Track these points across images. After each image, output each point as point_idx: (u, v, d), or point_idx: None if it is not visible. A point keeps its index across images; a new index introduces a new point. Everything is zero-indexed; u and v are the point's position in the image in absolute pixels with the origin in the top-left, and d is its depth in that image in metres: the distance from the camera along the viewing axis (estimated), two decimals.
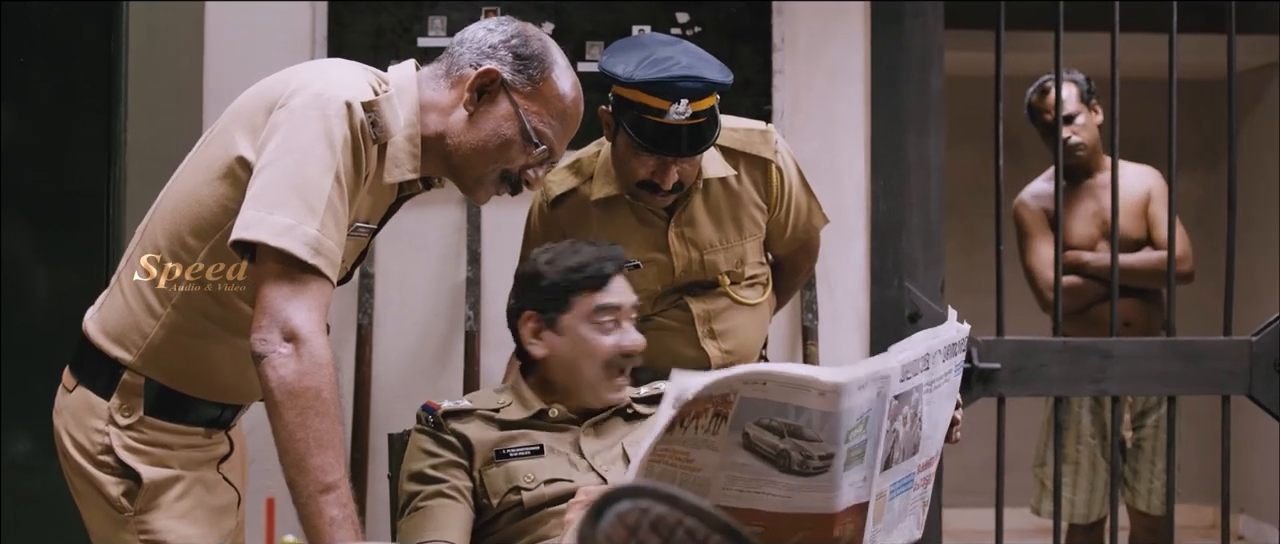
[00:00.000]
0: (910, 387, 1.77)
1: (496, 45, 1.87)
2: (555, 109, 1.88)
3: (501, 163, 1.88)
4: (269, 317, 1.66)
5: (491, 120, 1.86)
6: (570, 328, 2.14)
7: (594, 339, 2.13)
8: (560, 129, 1.90)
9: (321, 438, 1.64)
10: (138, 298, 1.85)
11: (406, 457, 2.15)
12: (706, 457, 1.69)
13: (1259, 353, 3.12)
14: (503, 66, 1.86)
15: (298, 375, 1.64)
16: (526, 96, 1.86)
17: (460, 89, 1.86)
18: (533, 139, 1.86)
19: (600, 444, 2.15)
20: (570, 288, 2.14)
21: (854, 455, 1.72)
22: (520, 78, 1.86)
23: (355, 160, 1.75)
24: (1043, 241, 3.71)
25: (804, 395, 1.65)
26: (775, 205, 2.59)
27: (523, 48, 1.87)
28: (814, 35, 3.17)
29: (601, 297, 2.13)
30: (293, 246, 1.66)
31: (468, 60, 1.87)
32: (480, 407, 2.17)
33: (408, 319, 3.13)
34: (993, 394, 3.08)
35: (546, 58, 1.89)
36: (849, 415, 1.67)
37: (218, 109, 3.04)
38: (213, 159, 1.81)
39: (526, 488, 2.06)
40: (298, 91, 1.75)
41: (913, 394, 1.78)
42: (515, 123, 1.86)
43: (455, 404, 2.17)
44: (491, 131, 1.85)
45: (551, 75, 1.88)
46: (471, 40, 1.89)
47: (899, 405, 1.75)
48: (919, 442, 1.85)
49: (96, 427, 1.84)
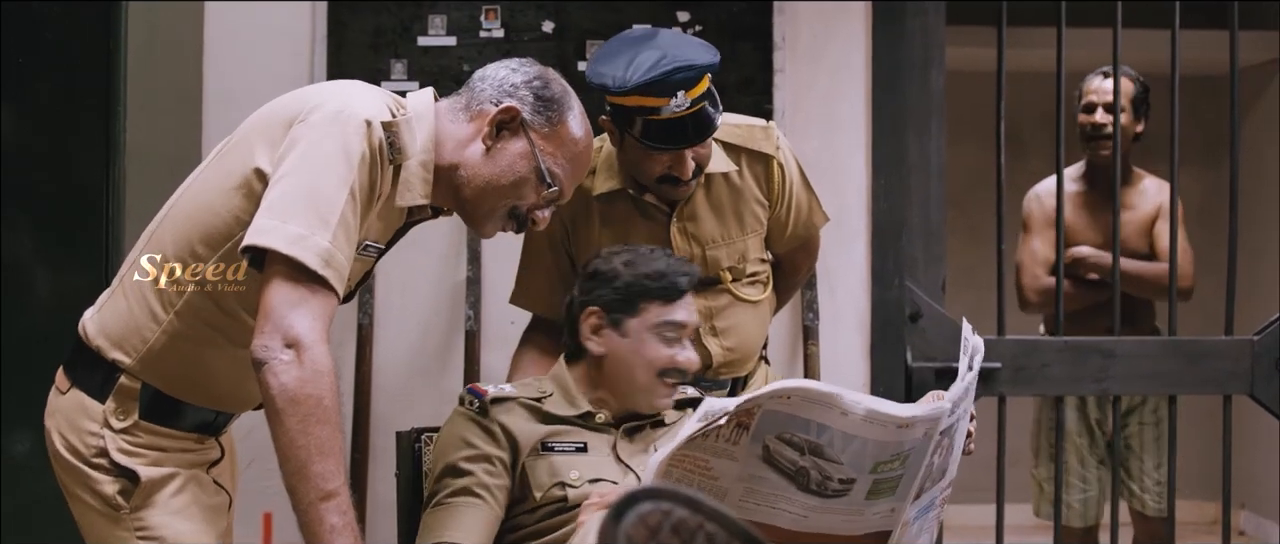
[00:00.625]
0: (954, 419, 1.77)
1: (519, 84, 1.92)
2: (569, 152, 1.94)
3: (513, 199, 1.92)
4: (272, 323, 1.66)
5: (508, 157, 1.90)
6: (635, 332, 2.17)
7: (656, 348, 2.16)
8: (571, 171, 1.96)
9: (322, 445, 1.64)
10: (140, 302, 1.85)
11: (443, 438, 2.16)
12: (725, 466, 1.69)
13: (1260, 352, 3.12)
14: (523, 106, 1.91)
15: (299, 382, 1.64)
16: (544, 137, 1.92)
17: (480, 123, 1.90)
18: (546, 178, 1.91)
19: (634, 448, 2.18)
20: (645, 293, 2.17)
21: (885, 487, 1.72)
22: (539, 118, 1.92)
23: (371, 178, 1.77)
24: (1040, 240, 3.62)
25: (827, 412, 1.65)
26: (776, 201, 2.58)
27: (544, 90, 1.93)
28: (815, 34, 3.16)
29: (671, 311, 2.17)
30: (303, 256, 1.67)
31: (489, 96, 1.92)
32: (523, 395, 2.18)
33: (408, 319, 3.13)
34: (994, 394, 3.08)
35: (565, 102, 1.95)
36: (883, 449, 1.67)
37: (218, 109, 3.07)
38: (230, 170, 1.82)
39: (572, 485, 2.08)
40: (318, 107, 1.77)
41: (954, 426, 1.79)
42: (531, 161, 1.90)
43: (500, 390, 2.18)
44: (507, 167, 1.90)
45: (568, 119, 1.94)
46: (494, 78, 1.94)
47: (942, 439, 1.75)
48: (947, 467, 1.85)
49: (91, 429, 1.84)
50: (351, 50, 3.08)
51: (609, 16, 3.11)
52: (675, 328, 2.17)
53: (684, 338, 2.19)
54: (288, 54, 3.09)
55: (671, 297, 2.17)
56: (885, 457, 1.68)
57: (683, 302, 2.19)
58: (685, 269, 2.21)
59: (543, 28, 3.13)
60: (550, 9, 3.13)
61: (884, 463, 1.69)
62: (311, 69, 3.08)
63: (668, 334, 2.17)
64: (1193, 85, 4.98)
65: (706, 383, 2.57)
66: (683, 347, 2.18)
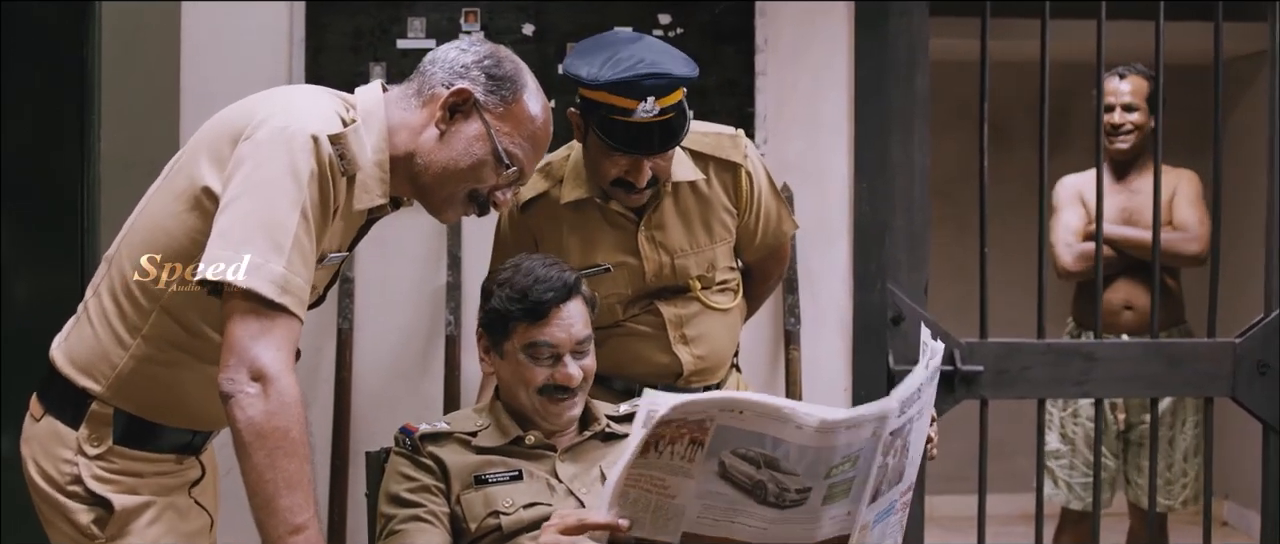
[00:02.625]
0: (905, 419, 1.76)
1: (469, 65, 1.87)
2: (526, 130, 1.88)
3: (471, 182, 1.87)
4: (236, 356, 1.64)
5: (463, 140, 1.85)
6: (510, 354, 2.12)
7: (530, 369, 2.10)
8: (530, 150, 1.90)
9: (290, 478, 1.62)
10: (106, 328, 1.83)
11: (385, 478, 2.14)
12: (682, 484, 1.68)
13: (1243, 354, 3.12)
14: (475, 86, 1.86)
15: (265, 415, 1.62)
16: (498, 117, 1.86)
17: (432, 108, 1.86)
18: (504, 159, 1.86)
19: (578, 468, 2.14)
20: (509, 316, 2.11)
21: (838, 491, 1.71)
22: (492, 98, 1.86)
23: (323, 194, 1.73)
24: (1069, 213, 3.86)
25: (782, 427, 1.64)
26: (745, 210, 2.58)
27: (496, 68, 1.87)
28: (797, 36, 3.13)
29: (537, 332, 2.09)
30: (259, 286, 1.65)
31: (440, 79, 1.86)
32: (458, 429, 2.16)
33: (388, 324, 3.11)
34: (976, 397, 3.07)
35: (518, 79, 1.88)
36: (833, 453, 1.66)
37: (195, 110, 3.03)
38: (179, 190, 1.79)
39: (505, 513, 2.05)
40: (263, 123, 1.73)
41: (906, 427, 1.78)
42: (487, 143, 1.85)
43: (433, 427, 2.15)
44: (463, 151, 1.85)
45: (523, 97, 1.88)
46: (443, 60, 1.88)
47: (892, 440, 1.75)
48: (904, 469, 1.84)
49: (65, 456, 1.83)
50: (330, 52, 3.05)
51: (590, 19, 3.08)
52: (544, 348, 2.09)
53: (561, 354, 2.10)
54: (266, 55, 3.05)
55: (537, 316, 2.09)
56: (836, 460, 1.68)
57: (554, 319, 2.09)
58: (557, 282, 2.11)
59: (523, 30, 3.09)
60: (531, 11, 3.10)
61: (836, 466, 1.69)
62: (290, 70, 3.05)
63: (538, 355, 2.10)
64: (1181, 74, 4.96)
65: (678, 392, 2.56)
66: (561, 364, 2.10)
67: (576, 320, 2.12)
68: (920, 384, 1.78)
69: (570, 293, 2.12)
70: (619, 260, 2.51)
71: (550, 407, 2.12)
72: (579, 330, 2.12)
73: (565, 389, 2.11)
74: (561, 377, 2.09)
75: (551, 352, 2.10)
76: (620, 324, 2.55)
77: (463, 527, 2.07)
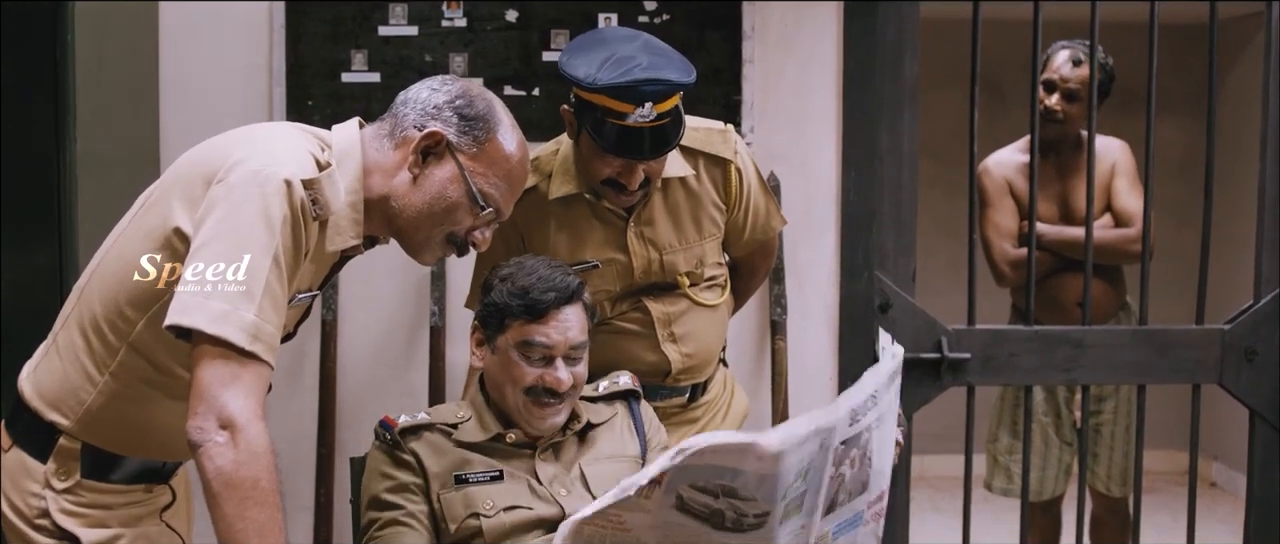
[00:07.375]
0: (860, 428, 1.75)
1: (441, 106, 1.84)
2: (501, 170, 1.86)
3: (447, 225, 1.85)
4: (205, 403, 1.63)
5: (437, 183, 1.83)
6: (502, 349, 2.13)
7: (520, 367, 2.11)
8: (506, 190, 1.88)
9: (261, 528, 1.62)
10: (74, 363, 1.82)
11: (365, 475, 2.16)
12: (638, 519, 1.69)
13: (1231, 341, 3.11)
14: (448, 128, 1.83)
15: (235, 465, 1.62)
16: (472, 158, 1.84)
17: (405, 151, 1.83)
18: (479, 201, 1.84)
19: (557, 467, 2.15)
20: (508, 310, 2.12)
21: (791, 507, 1.71)
22: (465, 139, 1.84)
23: (295, 239, 1.71)
24: (1001, 212, 3.64)
25: (742, 459, 1.63)
26: (734, 205, 2.56)
27: (467, 109, 1.84)
28: (785, 23, 3.09)
29: (532, 331, 2.10)
30: (229, 334, 1.63)
31: (412, 121, 1.84)
32: (439, 421, 2.16)
33: (373, 315, 3.10)
34: (963, 383, 3.07)
35: (491, 118, 1.85)
36: (788, 474, 1.66)
37: (175, 101, 3.00)
38: (151, 229, 1.77)
39: (486, 515, 2.07)
40: (237, 166, 1.70)
41: (862, 435, 1.77)
42: (461, 185, 1.83)
43: (412, 419, 2.15)
44: (437, 194, 1.83)
45: (497, 135, 1.85)
46: (416, 100, 1.86)
47: (846, 450, 1.74)
48: (868, 479, 1.84)
49: (33, 490, 1.82)
50: (310, 41, 3.00)
51: (574, 6, 3.03)
52: (536, 348, 2.10)
53: (554, 356, 2.11)
54: (245, 45, 3.01)
55: (535, 315, 2.10)
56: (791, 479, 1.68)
57: (551, 320, 2.10)
58: (558, 283, 2.12)
59: (506, 17, 3.04)
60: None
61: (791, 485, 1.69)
62: (270, 60, 3.00)
63: (530, 354, 2.10)
64: (1177, 33, 4.90)
65: (666, 390, 2.57)
66: (552, 366, 2.11)
67: (573, 325, 2.13)
68: (876, 389, 1.76)
69: (571, 297, 2.13)
70: (607, 257, 2.50)
71: (535, 409, 2.12)
72: (575, 335, 2.13)
73: (552, 393, 2.11)
74: (550, 380, 2.10)
75: (544, 352, 2.10)
76: (608, 322, 2.54)
77: (442, 526, 2.08)
